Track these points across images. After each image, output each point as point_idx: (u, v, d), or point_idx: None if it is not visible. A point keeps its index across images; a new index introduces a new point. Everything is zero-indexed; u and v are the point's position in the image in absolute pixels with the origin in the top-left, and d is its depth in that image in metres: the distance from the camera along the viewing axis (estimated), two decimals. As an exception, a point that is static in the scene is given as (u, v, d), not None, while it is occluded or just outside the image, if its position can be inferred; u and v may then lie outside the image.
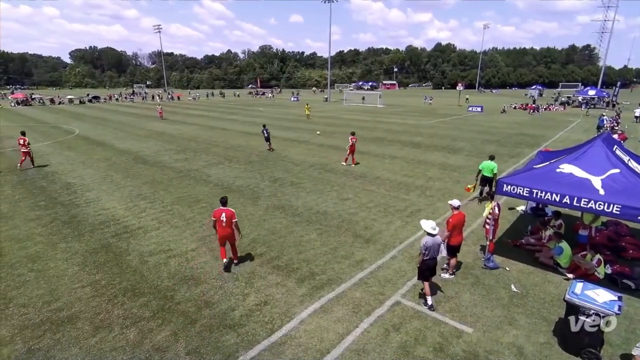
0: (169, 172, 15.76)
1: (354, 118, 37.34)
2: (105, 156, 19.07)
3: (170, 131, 28.31)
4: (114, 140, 24.18)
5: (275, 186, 13.67)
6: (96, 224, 10.25)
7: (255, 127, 30.10)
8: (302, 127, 30.21)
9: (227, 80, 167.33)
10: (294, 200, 12.13)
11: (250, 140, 24.08)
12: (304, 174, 15.30)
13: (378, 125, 31.23)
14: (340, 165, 16.82)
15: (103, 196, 12.60)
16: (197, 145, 22.40)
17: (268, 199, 12.21)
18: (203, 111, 47.91)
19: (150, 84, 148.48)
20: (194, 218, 10.62)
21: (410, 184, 13.82)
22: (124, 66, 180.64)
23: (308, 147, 21.28)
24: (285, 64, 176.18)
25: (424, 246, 6.68)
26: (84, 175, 15.34)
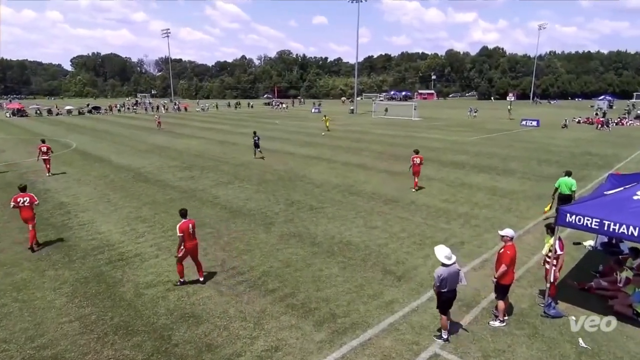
0: (172, 192, 16.15)
1: (384, 133, 37.39)
2: (103, 173, 19.82)
3: (175, 145, 29.22)
4: (113, 155, 25.17)
5: (292, 210, 13.71)
6: (89, 249, 10.54)
7: (271, 143, 30.62)
8: (323, 143, 30.46)
9: (240, 89, 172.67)
10: (313, 227, 12.09)
11: (264, 156, 24.43)
12: (325, 197, 15.31)
13: (413, 141, 31.09)
14: (367, 188, 16.75)
15: (98, 218, 13.00)
16: (205, 161, 22.95)
17: (283, 226, 12.23)
18: (212, 124, 49.33)
19: (156, 94, 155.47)
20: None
21: (451, 211, 13.54)
22: (128, 74, 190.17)
23: (331, 166, 21.38)
24: (306, 71, 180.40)
25: (438, 278, 6.69)
26: (79, 193, 15.94)
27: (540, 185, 16.88)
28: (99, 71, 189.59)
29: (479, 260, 9.93)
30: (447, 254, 6.82)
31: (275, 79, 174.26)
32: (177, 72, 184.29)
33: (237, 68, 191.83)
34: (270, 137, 34.30)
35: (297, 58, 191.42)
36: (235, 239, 11.18)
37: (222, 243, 10.91)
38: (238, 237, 11.31)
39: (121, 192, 16.14)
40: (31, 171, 20.16)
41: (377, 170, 20.14)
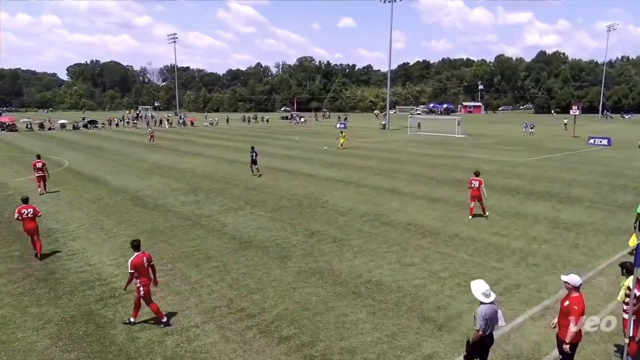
0: (174, 219, 16.41)
1: (422, 152, 37.26)
2: (97, 195, 20.39)
3: (178, 165, 29.89)
4: (109, 175, 25.93)
5: (312, 242, 13.67)
6: (78, 283, 10.74)
7: (288, 162, 30.93)
8: (350, 163, 30.56)
9: (254, 101, 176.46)
10: (336, 263, 11.99)
11: (280, 179, 24.66)
12: (351, 227, 15.23)
13: (457, 162, 30.80)
14: (401, 217, 16.58)
15: (89, 247, 13.29)
16: (212, 184, 23.33)
17: (301, 260, 12.18)
18: (222, 140, 50.36)
19: (159, 106, 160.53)
20: (200, 282, 10.80)
21: (503, 247, 13.20)
22: (129, 84, 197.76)
23: (358, 190, 21.36)
24: (330, 81, 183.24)
25: (483, 318, 6.53)
26: (69, 219, 16.41)
27: (614, 217, 16.30)
28: (98, 81, 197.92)
29: (539, 308, 9.57)
30: (486, 291, 6.68)
31: (294, 89, 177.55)
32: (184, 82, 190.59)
33: (251, 77, 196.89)
34: (288, 156, 34.65)
35: (320, 65, 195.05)
36: (245, 275, 11.18)
37: (229, 279, 10.93)
38: (248, 273, 11.32)
39: (116, 218, 16.51)
40: (18, 192, 20.92)
41: (414, 196, 19.99)
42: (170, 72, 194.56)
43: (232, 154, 36.29)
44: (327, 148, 37.90)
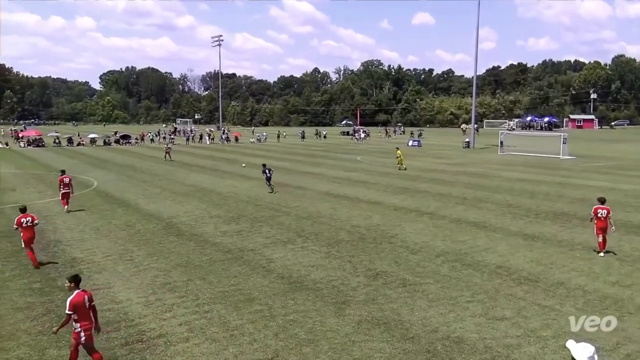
0: (212, 252, 16.83)
1: (516, 177, 36.22)
2: (127, 221, 21.38)
3: (219, 188, 30.82)
4: (141, 198, 27.18)
5: (376, 286, 13.50)
6: (102, 323, 11.16)
7: (349, 187, 31.02)
8: (426, 190, 30.21)
9: (309, 113, 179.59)
10: (405, 312, 11.75)
11: (338, 206, 24.73)
12: (425, 269, 14.94)
13: (562, 190, 29.62)
14: (490, 258, 16.08)
15: (116, 282, 13.89)
16: (257, 211, 23.78)
17: (362, 307, 12.04)
18: (270, 159, 51.32)
19: (200, 118, 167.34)
20: (241, 328, 10.93)
21: (625, 301, 12.40)
22: (167, 93, 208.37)
23: (435, 223, 21.03)
24: (402, 89, 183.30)
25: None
26: (95, 247, 17.28)
27: None
28: (133, 90, 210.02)
29: (675, 384, 8.82)
30: (591, 354, 6.19)
31: (358, 99, 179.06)
32: (229, 91, 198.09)
33: (307, 85, 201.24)
34: (348, 180, 34.78)
35: (390, 71, 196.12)
36: (294, 323, 11.19)
37: (275, 327, 10.98)
38: (297, 321, 11.32)
39: (147, 248, 17.18)
40: (42, 215, 22.36)
41: (506, 232, 19.42)
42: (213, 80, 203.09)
43: (283, 176, 36.86)
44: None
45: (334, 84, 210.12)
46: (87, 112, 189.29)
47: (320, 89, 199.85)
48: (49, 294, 12.99)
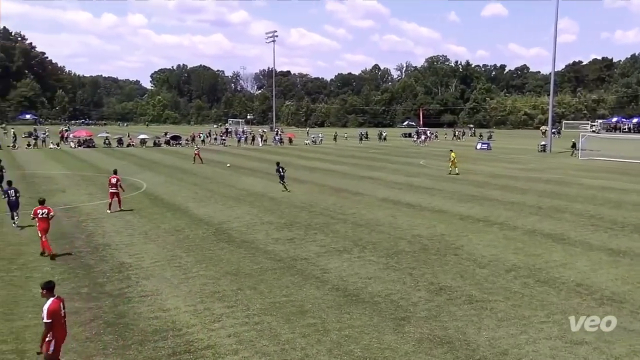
0: (263, 260, 17.05)
1: (600, 184, 35.12)
2: (176, 226, 21.99)
3: (272, 193, 31.21)
4: (190, 202, 27.90)
5: (439, 302, 13.31)
6: (149, 331, 11.57)
7: (411, 193, 30.76)
8: (496, 197, 29.67)
9: (369, 112, 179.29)
10: (471, 331, 11.51)
11: (399, 214, 24.56)
12: (494, 284, 14.63)
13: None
14: (568, 274, 15.59)
15: (164, 289, 14.30)
16: (311, 217, 23.94)
17: (423, 324, 11.89)
18: (326, 162, 51.67)
19: (252, 119, 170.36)
20: (293, 342, 11.00)
21: None
22: (218, 92, 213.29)
23: (505, 234, 20.60)
24: (470, 87, 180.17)
25: None
26: (143, 252, 17.87)
27: None
28: (184, 89, 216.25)
29: None
30: None
31: (421, 98, 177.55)
32: (283, 90, 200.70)
33: (366, 83, 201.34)
34: (410, 186, 34.49)
35: (457, 67, 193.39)
36: (349, 339, 11.17)
37: (328, 342, 10.99)
38: (353, 336, 11.29)
39: (196, 255, 17.61)
40: (91, 218, 23.38)
41: (587, 246, 18.80)
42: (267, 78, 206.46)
43: (339, 181, 36.97)
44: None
45: (396, 81, 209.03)
46: (138, 112, 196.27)
47: (381, 87, 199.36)
48: (96, 299, 13.51)
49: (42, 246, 17.31)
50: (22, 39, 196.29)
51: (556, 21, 65.71)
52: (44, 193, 30.35)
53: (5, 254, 17.49)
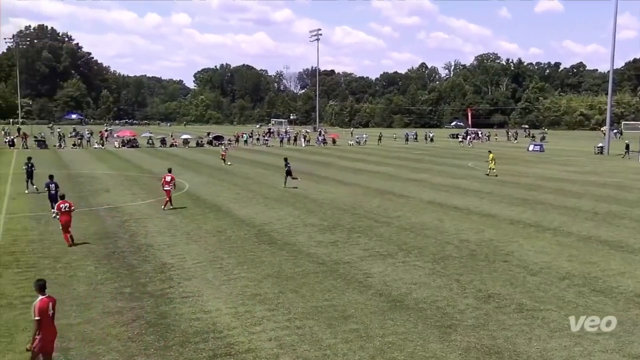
0: (305, 263, 17.13)
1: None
2: (218, 227, 22.31)
3: (314, 194, 31.34)
4: (232, 202, 28.26)
5: (487, 310, 13.10)
6: (190, 333, 11.76)
7: (458, 196, 30.43)
8: (549, 202, 29.07)
9: (415, 113, 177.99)
10: (522, 342, 11.28)
11: (446, 217, 24.32)
12: (546, 293, 14.33)
13: None
14: (626, 284, 15.14)
15: (206, 290, 14.52)
16: (355, 220, 23.91)
17: (470, 333, 11.71)
18: (370, 164, 51.54)
19: (295, 119, 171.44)
20: (334, 347, 11.00)
21: None
22: (261, 92, 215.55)
23: (559, 240, 20.17)
24: (522, 86, 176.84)
25: None
26: (185, 253, 18.20)
27: None
28: (227, 89, 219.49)
29: None
30: None
31: (470, 97, 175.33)
32: (327, 89, 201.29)
33: (412, 82, 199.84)
34: (457, 188, 34.07)
35: (509, 65, 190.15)
36: (392, 346, 11.10)
37: (371, 349, 10.95)
38: (397, 343, 11.22)
39: (238, 256, 17.82)
40: (134, 218, 23.94)
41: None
42: (310, 77, 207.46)
43: (383, 183, 36.82)
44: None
45: (443, 80, 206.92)
46: (181, 112, 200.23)
47: (428, 87, 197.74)
48: (139, 299, 13.83)
49: (65, 239, 18.91)
50: (69, 39, 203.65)
51: (615, 17, 63.78)
52: (89, 192, 31.39)
53: (50, 252, 18.09)
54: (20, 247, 18.72)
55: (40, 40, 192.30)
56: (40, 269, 16.14)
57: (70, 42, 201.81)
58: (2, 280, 15.12)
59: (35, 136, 75.53)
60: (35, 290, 9.65)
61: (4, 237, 20.11)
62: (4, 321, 12.11)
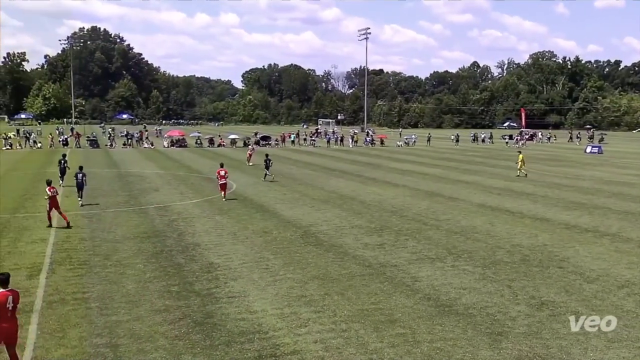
0: (352, 265, 17.10)
1: None
2: (264, 227, 22.54)
3: (362, 196, 31.30)
4: (278, 203, 28.52)
5: (540, 317, 12.81)
6: (236, 333, 11.92)
7: (510, 200, 29.92)
8: (608, 206, 28.34)
9: (466, 113, 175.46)
10: (577, 352, 10.96)
11: (497, 221, 23.93)
12: (603, 301, 13.89)
13: None
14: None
15: (251, 291, 14.69)
16: (403, 222, 23.77)
17: (522, 341, 11.47)
18: (420, 165, 51.16)
19: (343, 119, 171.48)
20: (381, 352, 10.95)
21: None
22: (309, 92, 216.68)
23: (617, 247, 19.59)
24: (579, 85, 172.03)
25: None
26: (232, 253, 18.46)
27: None
28: (274, 89, 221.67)
29: None
30: None
31: (524, 97, 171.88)
32: (375, 89, 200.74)
33: (463, 81, 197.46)
34: (510, 191, 33.49)
35: (565, 64, 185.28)
36: (441, 352, 10.98)
37: (419, 354, 10.86)
38: (445, 349, 11.09)
39: (284, 257, 17.96)
40: (182, 217, 24.44)
41: None
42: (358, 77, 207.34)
43: (433, 185, 36.48)
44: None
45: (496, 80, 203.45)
46: (229, 111, 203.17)
47: (480, 86, 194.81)
48: (186, 297, 14.11)
49: (48, 218, 22.11)
50: (121, 40, 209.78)
51: (681, 11, 61.15)
52: (138, 191, 32.26)
53: (101, 250, 18.65)
54: (72, 245, 19.36)
55: (93, 42, 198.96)
56: (91, 266, 16.68)
57: (121, 43, 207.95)
58: (55, 276, 15.66)
59: (87, 136, 78.10)
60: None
61: (58, 234, 20.87)
62: (56, 316, 12.53)
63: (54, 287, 14.67)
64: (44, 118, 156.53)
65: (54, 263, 16.98)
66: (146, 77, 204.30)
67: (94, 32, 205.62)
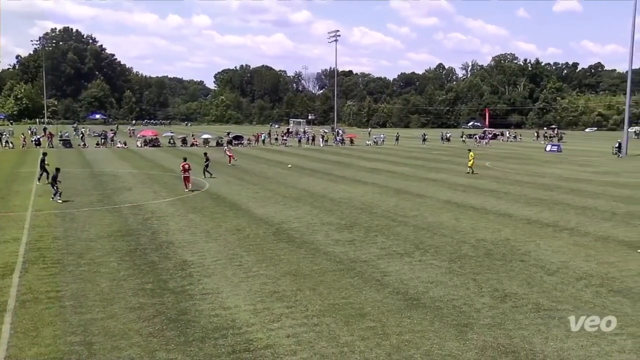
0: (323, 261, 17.13)
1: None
2: (237, 225, 22.41)
3: (332, 194, 31.34)
4: (251, 201, 28.38)
5: (504, 309, 13.01)
6: (210, 329, 11.84)
7: (475, 196, 30.21)
8: (567, 202, 28.86)
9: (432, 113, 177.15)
10: (538, 341, 11.17)
11: (462, 217, 24.21)
12: (563, 293, 14.19)
13: None
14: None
15: (225, 287, 14.60)
16: (372, 219, 23.87)
17: (487, 332, 11.64)
18: (388, 164, 51.42)
19: (313, 119, 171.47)
20: (352, 345, 11.00)
21: None
22: (280, 92, 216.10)
23: (576, 240, 19.97)
24: (539, 86, 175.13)
25: None
26: (205, 250, 18.32)
27: None
28: (246, 89, 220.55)
29: None
30: None
31: (487, 97, 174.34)
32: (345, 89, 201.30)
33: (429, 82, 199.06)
34: (474, 188, 33.87)
35: (526, 65, 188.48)
36: (409, 344, 11.07)
37: (388, 346, 10.93)
38: (413, 341, 11.19)
39: (256, 254, 17.89)
40: (156, 216, 24.15)
41: (665, 255, 17.82)
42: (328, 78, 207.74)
43: (401, 183, 36.73)
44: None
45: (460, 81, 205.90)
46: (202, 112, 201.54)
47: (445, 87, 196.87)
48: (160, 295, 13.95)
49: None
50: (94, 41, 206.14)
51: (634, 16, 62.95)
52: (111, 191, 31.74)
53: (74, 249, 18.31)
54: (45, 244, 18.98)
55: (66, 42, 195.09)
56: (65, 265, 16.36)
57: (94, 43, 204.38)
58: (29, 275, 15.34)
59: (60, 136, 76.59)
60: None
61: (31, 234, 20.42)
62: (30, 315, 12.29)
63: (27, 286, 14.38)
64: (16, 118, 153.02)
65: (27, 262, 16.62)
66: (119, 78, 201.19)
67: (66, 33, 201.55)
